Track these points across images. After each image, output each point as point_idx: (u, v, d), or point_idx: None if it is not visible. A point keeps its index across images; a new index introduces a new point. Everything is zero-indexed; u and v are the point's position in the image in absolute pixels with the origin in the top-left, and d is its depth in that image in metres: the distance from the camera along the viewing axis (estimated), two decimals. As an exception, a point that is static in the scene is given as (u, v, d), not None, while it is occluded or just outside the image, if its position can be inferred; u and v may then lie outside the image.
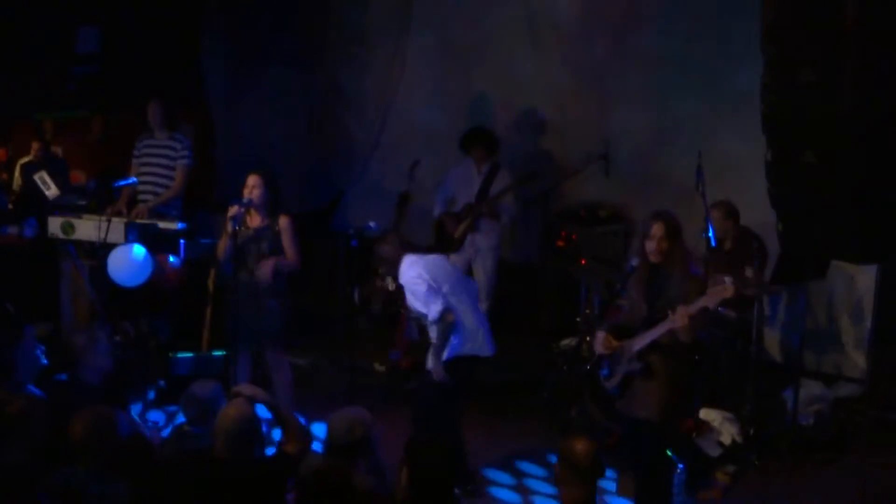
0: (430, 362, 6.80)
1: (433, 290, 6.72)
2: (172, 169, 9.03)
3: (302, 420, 6.03)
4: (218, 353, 8.11)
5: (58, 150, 10.79)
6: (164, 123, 9.06)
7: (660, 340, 5.80)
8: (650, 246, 5.84)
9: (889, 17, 6.05)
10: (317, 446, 6.20)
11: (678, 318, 5.64)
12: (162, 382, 8.17)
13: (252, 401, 5.34)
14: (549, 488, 6.89)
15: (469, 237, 9.14)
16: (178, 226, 8.80)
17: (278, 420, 5.51)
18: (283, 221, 7.38)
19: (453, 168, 9.38)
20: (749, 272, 7.57)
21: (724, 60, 8.83)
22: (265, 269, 7.27)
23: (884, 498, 7.06)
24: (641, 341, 5.84)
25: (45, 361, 6.15)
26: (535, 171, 9.43)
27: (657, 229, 5.82)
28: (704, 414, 7.43)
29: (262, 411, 5.47)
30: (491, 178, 9.16)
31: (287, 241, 7.36)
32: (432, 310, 6.70)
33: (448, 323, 6.72)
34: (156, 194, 8.99)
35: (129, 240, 8.47)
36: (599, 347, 6.06)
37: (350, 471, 4.96)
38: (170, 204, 9.04)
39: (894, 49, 6.05)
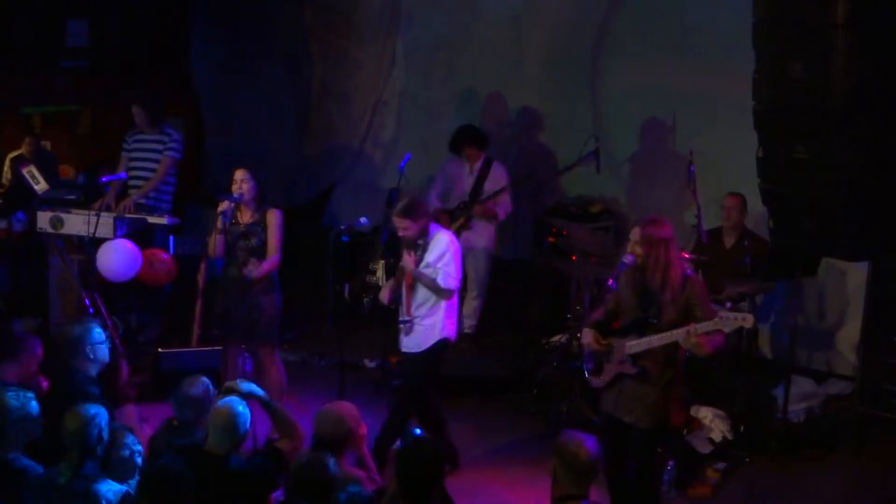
0: None
1: None
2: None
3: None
4: (208, 349, 8.07)
5: (46, 144, 10.75)
6: (150, 123, 9.06)
7: (657, 349, 5.80)
8: (629, 248, 5.88)
9: (880, 12, 6.03)
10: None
11: (687, 339, 5.64)
12: None
13: (245, 397, 5.32)
14: (538, 483, 6.85)
15: (463, 235, 9.08)
16: (167, 220, 8.77)
17: (271, 416, 5.49)
18: (272, 216, 7.36)
19: (446, 164, 9.36)
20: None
21: (715, 54, 8.83)
22: (253, 269, 7.24)
23: (874, 495, 7.07)
24: (638, 346, 5.81)
25: None
26: (532, 172, 9.40)
27: (633, 234, 5.88)
28: (695, 411, 7.43)
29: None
30: (484, 174, 9.12)
31: (271, 235, 7.34)
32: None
33: None
34: (145, 189, 8.98)
35: (117, 234, 8.44)
36: (589, 346, 6.06)
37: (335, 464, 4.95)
38: (161, 198, 9.01)
39: (886, 43, 6.04)
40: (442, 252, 6.73)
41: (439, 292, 6.77)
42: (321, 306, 9.06)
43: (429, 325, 6.84)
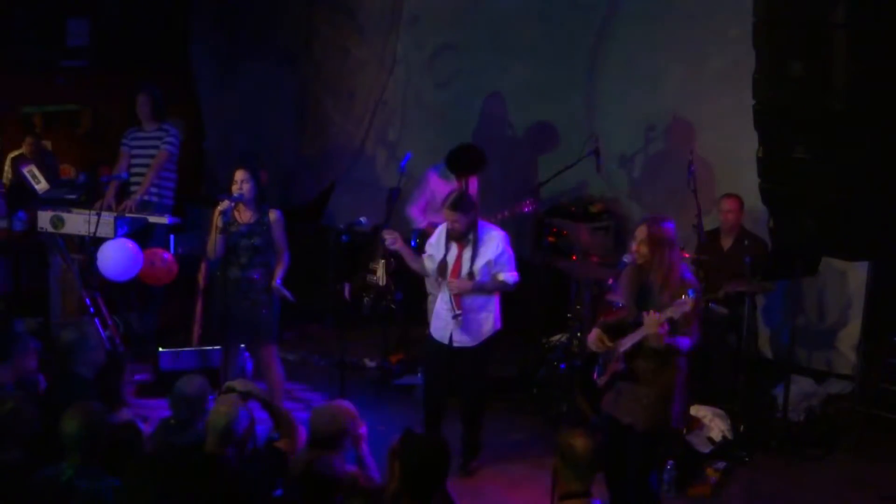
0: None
1: None
2: (160, 160, 9.02)
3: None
4: (208, 348, 8.09)
5: (47, 143, 10.76)
6: (153, 116, 9.05)
7: (644, 344, 5.80)
8: (632, 248, 5.89)
9: (881, 11, 6.03)
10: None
11: (647, 326, 5.69)
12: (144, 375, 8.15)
13: (245, 396, 5.32)
14: (539, 482, 6.86)
15: None
16: (168, 220, 8.77)
17: (271, 415, 5.49)
18: (274, 215, 7.39)
19: (428, 178, 8.97)
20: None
21: (715, 54, 8.83)
22: (281, 292, 7.36)
23: (874, 495, 7.07)
24: (626, 344, 5.85)
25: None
26: (537, 185, 9.36)
27: (639, 233, 5.87)
28: (695, 410, 7.43)
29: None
30: (468, 189, 8.99)
31: (278, 234, 7.40)
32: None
33: None
34: (146, 186, 8.98)
35: (118, 234, 8.44)
36: (592, 345, 6.06)
37: (335, 463, 4.96)
38: (163, 194, 9.01)
39: (886, 43, 6.03)
40: (502, 249, 7.04)
41: (507, 288, 7.13)
42: (321, 306, 9.09)
43: (484, 318, 7.14)
